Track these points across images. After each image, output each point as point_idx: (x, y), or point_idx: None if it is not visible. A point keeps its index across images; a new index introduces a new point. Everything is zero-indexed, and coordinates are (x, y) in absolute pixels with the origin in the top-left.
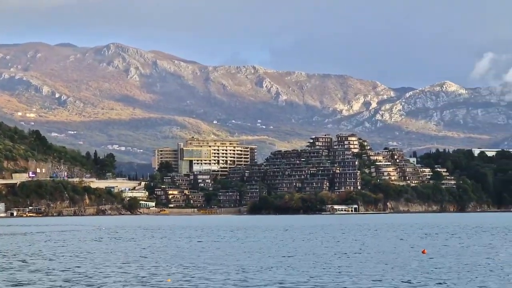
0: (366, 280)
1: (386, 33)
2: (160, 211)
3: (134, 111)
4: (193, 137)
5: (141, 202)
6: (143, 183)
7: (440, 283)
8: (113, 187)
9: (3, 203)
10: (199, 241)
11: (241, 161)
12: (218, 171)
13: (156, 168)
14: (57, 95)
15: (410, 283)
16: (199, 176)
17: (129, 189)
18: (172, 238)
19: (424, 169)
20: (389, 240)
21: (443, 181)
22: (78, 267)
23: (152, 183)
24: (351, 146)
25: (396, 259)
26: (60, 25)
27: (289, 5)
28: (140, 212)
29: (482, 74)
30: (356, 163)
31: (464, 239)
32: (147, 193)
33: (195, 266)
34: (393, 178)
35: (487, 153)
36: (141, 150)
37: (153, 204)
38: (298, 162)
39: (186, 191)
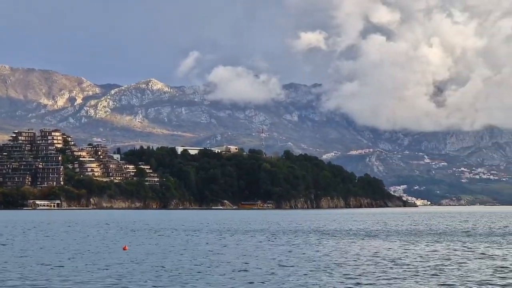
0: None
1: (92, 29)
2: None
3: None
4: None
5: None
6: None
7: (135, 278)
8: None
9: None
10: None
11: None
12: None
13: None
14: None
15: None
16: None
17: None
18: None
19: (128, 166)
20: (89, 237)
21: (146, 178)
22: None
23: None
24: (55, 141)
25: (96, 256)
26: None
27: None
28: None
29: (186, 73)
30: (60, 158)
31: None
32: None
33: None
34: (96, 174)
35: (190, 151)
36: None
37: None
38: (0, 156)
39: None
